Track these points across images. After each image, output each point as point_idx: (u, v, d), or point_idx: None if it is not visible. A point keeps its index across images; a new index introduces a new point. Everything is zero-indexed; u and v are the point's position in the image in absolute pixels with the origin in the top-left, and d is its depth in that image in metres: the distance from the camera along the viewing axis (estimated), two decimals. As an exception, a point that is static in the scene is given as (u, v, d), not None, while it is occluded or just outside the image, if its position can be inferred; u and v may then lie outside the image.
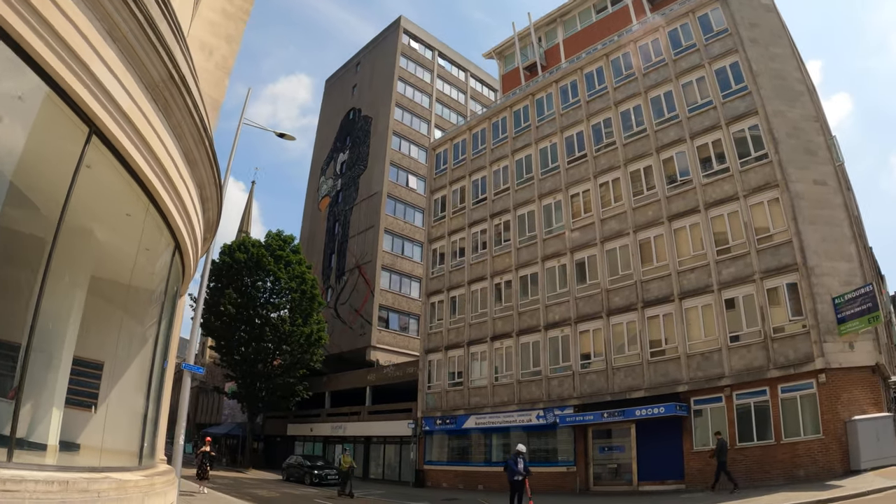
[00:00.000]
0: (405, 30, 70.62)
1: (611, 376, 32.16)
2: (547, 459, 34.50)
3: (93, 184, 8.63)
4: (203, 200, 13.40)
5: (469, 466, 38.55)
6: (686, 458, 28.18)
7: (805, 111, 29.79)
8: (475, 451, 38.93)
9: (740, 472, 25.51)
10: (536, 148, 40.79)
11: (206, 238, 16.59)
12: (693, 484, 27.31)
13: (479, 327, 40.46)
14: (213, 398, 77.34)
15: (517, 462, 23.22)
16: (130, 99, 8.38)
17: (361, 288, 58.61)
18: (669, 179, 32.59)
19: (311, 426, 55.49)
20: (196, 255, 14.98)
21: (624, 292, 32.96)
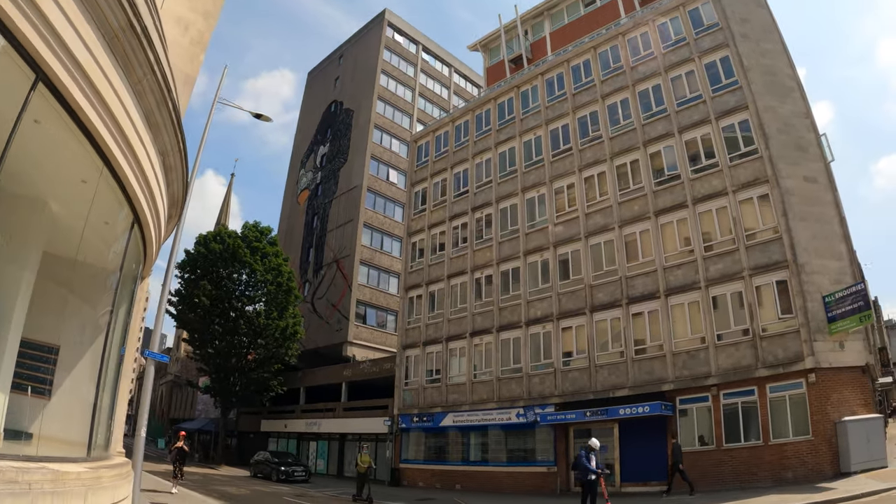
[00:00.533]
0: (389, 23, 69.79)
1: (594, 374, 31.35)
2: (526, 459, 33.65)
3: (43, 143, 7.93)
4: (167, 171, 12.43)
5: (446, 465, 37.60)
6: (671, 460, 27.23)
7: (796, 107, 29.30)
8: (453, 450, 37.99)
9: (727, 474, 25.10)
10: (520, 141, 40.01)
11: (171, 216, 15.75)
12: (678, 486, 26.38)
13: (459, 323, 39.60)
14: (187, 393, 76.21)
15: (590, 458, 20.32)
16: (84, 46, 7.45)
17: (339, 283, 57.57)
18: (657, 174, 31.98)
19: (286, 422, 54.35)
20: (159, 233, 14.11)
21: (608, 288, 32.17)
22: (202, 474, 40.58)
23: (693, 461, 25.70)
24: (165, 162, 12.12)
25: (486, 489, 34.03)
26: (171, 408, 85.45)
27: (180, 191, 14.90)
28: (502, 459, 34.66)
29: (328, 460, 49.13)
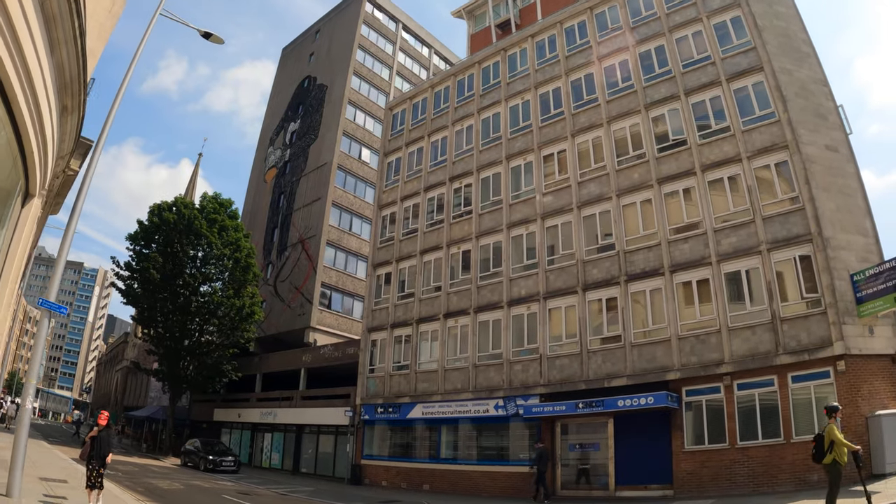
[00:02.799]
0: None
1: (586, 361, 27.71)
2: (505, 457, 29.88)
3: None
4: (53, 46, 8.69)
5: (413, 463, 33.66)
6: (675, 459, 23.95)
7: (813, 73, 26.62)
8: (421, 446, 34.13)
9: (742, 476, 22.00)
10: (506, 106, 36.68)
11: (68, 108, 12.21)
12: (683, 490, 23.24)
13: (432, 303, 35.80)
14: (141, 379, 72.94)
15: None
16: None
17: (304, 264, 53.76)
18: (660, 139, 28.85)
19: (240, 412, 50.32)
20: (42, 136, 11.08)
21: (604, 264, 28.69)
22: (140, 465, 36.54)
23: (702, 462, 23.06)
24: (52, 35, 8.79)
25: (458, 490, 30.42)
26: (125, 395, 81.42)
27: (75, 68, 11.05)
28: (477, 457, 30.83)
29: (283, 454, 44.81)
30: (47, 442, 41.69)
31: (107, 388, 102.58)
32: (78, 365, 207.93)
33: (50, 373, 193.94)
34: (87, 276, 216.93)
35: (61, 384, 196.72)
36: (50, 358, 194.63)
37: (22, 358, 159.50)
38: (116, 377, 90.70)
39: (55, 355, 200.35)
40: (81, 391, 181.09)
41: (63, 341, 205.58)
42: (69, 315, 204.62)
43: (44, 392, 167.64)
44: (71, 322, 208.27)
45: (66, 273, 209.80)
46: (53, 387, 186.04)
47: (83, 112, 13.23)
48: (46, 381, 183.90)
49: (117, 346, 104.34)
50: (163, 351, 49.11)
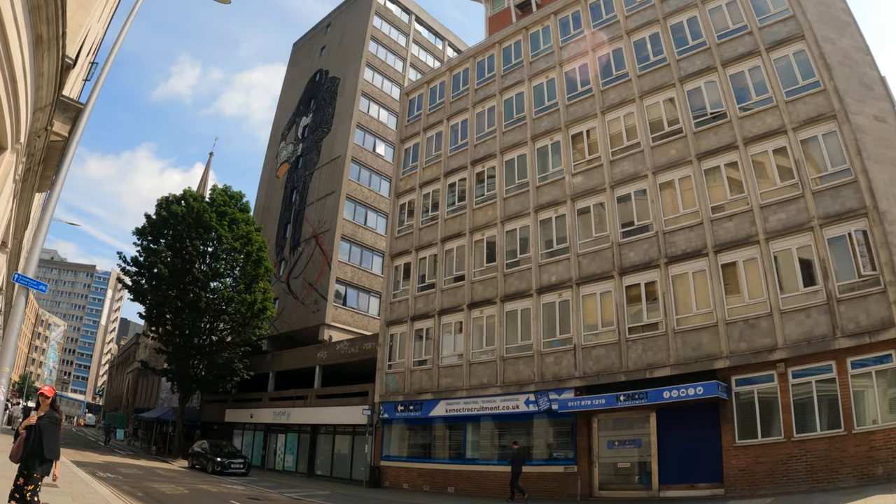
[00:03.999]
0: None
1: (624, 351, 25.60)
2: (538, 457, 27.60)
3: None
4: None
5: (437, 464, 31.57)
6: (725, 455, 21.83)
7: (855, 42, 24.99)
8: (445, 446, 32.06)
9: (799, 472, 20.07)
10: (530, 85, 34.82)
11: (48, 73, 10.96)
12: (735, 488, 21.14)
13: (454, 293, 33.73)
14: (152, 381, 72.17)
15: None
16: None
17: (318, 260, 51.78)
18: (697, 113, 26.96)
19: (252, 412, 48.26)
20: (14, 84, 9.51)
21: (641, 246, 26.64)
22: (146, 468, 34.62)
23: (755, 457, 21.03)
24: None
25: (484, 493, 28.37)
26: (136, 397, 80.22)
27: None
28: (507, 457, 28.40)
29: (297, 456, 42.78)
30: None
31: (119, 390, 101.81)
32: (91, 368, 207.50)
33: (63, 376, 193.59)
34: (99, 280, 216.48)
35: (74, 387, 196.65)
36: (63, 361, 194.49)
37: (34, 361, 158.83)
38: (128, 379, 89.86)
39: (68, 359, 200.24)
40: (95, 394, 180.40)
41: (76, 345, 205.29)
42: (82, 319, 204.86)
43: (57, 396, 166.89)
44: (84, 325, 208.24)
45: (78, 276, 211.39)
46: (67, 390, 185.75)
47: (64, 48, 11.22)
48: (60, 385, 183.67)
49: (129, 347, 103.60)
50: (172, 349, 47.46)
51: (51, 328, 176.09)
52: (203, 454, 39.07)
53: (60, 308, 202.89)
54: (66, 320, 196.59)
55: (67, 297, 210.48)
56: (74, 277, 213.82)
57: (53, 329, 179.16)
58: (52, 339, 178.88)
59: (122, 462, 36.36)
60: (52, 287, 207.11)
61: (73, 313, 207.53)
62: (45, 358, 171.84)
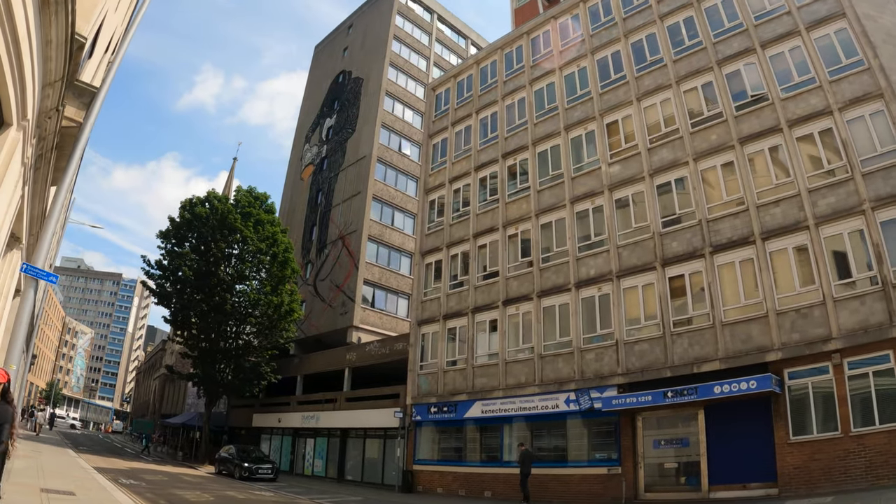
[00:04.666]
0: None
1: (669, 345, 24.41)
2: (579, 458, 26.42)
3: None
4: None
5: (472, 467, 30.46)
6: (779, 453, 20.60)
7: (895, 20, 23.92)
8: (480, 448, 30.91)
9: (858, 469, 18.97)
10: (560, 75, 33.96)
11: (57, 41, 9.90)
12: (790, 487, 19.93)
13: (488, 290, 32.63)
14: (178, 386, 71.97)
15: None
16: None
17: (345, 261, 50.91)
18: (737, 96, 25.98)
19: (280, 416, 47.39)
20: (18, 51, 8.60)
21: (684, 236, 25.56)
22: (171, 474, 33.71)
23: (810, 454, 19.79)
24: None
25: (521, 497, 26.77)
26: (163, 402, 80.00)
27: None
28: (547, 459, 27.34)
29: (327, 460, 41.77)
30: (75, 450, 39.14)
31: (145, 396, 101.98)
32: (118, 375, 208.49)
33: (90, 383, 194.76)
34: (125, 287, 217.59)
35: (102, 395, 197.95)
36: (90, 369, 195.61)
37: (62, 369, 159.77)
38: (154, 385, 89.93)
39: (95, 366, 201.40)
40: (122, 401, 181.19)
41: (103, 352, 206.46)
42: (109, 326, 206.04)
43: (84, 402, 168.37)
44: (111, 333, 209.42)
45: (104, 284, 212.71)
46: (94, 397, 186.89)
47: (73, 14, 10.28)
48: (87, 392, 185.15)
49: (155, 354, 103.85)
50: (198, 354, 46.63)
51: (78, 336, 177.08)
52: (230, 459, 38.22)
53: (87, 316, 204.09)
54: (92, 328, 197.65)
55: (94, 305, 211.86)
56: (101, 286, 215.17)
57: (80, 337, 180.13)
58: (80, 346, 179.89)
59: (147, 468, 35.56)
60: (78, 295, 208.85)
61: (100, 321, 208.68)
62: (73, 365, 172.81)
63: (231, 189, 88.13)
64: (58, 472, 21.77)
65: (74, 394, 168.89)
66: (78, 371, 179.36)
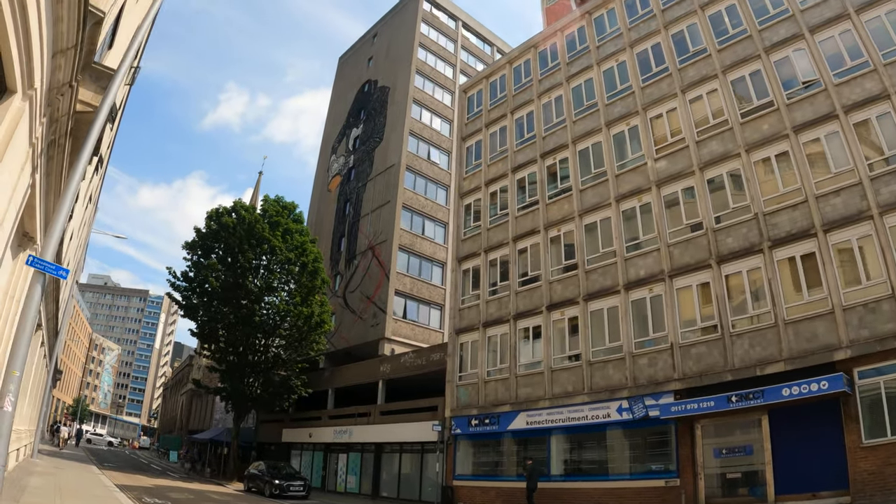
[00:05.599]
0: None
1: (729, 347, 22.95)
2: (634, 470, 24.81)
3: None
4: None
5: (516, 482, 28.52)
6: (851, 458, 19.11)
7: None
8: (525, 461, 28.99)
9: None
10: (598, 70, 32.95)
11: None
12: (864, 494, 18.48)
13: (530, 295, 31.23)
14: (206, 401, 71.60)
15: None
16: None
17: (375, 272, 49.71)
18: (787, 84, 24.86)
19: (311, 431, 46.07)
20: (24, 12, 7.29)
21: (739, 231, 24.22)
22: (197, 491, 32.42)
23: (885, 458, 18.18)
24: None
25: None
26: (190, 418, 79.25)
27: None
28: (599, 472, 25.79)
29: (361, 476, 40.35)
30: (98, 467, 37.89)
31: (173, 412, 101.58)
32: (146, 391, 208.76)
33: (118, 399, 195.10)
34: (152, 304, 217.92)
35: (129, 411, 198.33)
36: (117, 385, 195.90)
37: (89, 385, 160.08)
38: (182, 401, 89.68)
39: (123, 382, 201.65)
40: (149, 417, 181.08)
41: (130, 368, 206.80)
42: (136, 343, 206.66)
43: (112, 419, 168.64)
44: (137, 349, 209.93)
45: (131, 301, 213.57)
46: (122, 413, 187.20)
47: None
48: (114, 408, 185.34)
49: (182, 369, 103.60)
50: (225, 367, 45.48)
51: (105, 352, 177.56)
52: (260, 476, 36.94)
53: (114, 332, 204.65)
54: (119, 344, 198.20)
55: (121, 322, 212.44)
56: (128, 302, 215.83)
57: (107, 353, 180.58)
58: (107, 362, 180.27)
59: (173, 486, 34.30)
60: (105, 312, 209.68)
61: (127, 337, 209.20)
62: (100, 382, 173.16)
63: (257, 204, 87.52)
64: (76, 491, 20.61)
65: (101, 410, 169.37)
66: (105, 387, 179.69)
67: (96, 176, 31.17)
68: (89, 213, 37.32)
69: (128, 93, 32.39)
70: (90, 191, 31.16)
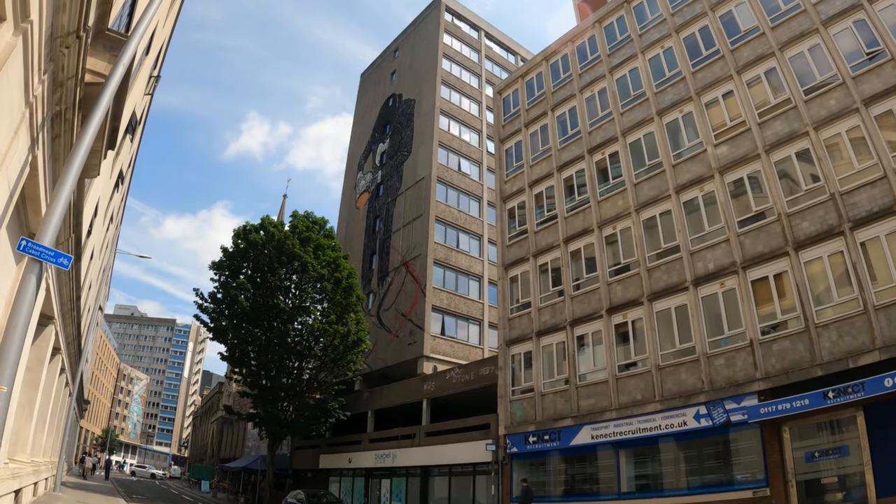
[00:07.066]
0: (447, 7, 62.69)
1: (815, 339, 20.78)
2: (718, 482, 22.37)
3: None
4: None
5: (583, 502, 26.57)
6: None
7: None
8: (592, 479, 26.88)
9: None
10: (644, 59, 31.34)
11: None
12: None
13: (587, 299, 29.18)
14: (237, 429, 70.95)
15: None
16: None
17: (409, 288, 47.92)
18: (850, 56, 23.11)
19: (350, 456, 44.00)
20: None
21: (815, 213, 22.23)
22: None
23: None
24: None
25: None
26: (221, 446, 77.80)
27: None
28: (677, 486, 23.47)
29: (406, 502, 38.19)
30: (126, 499, 35.88)
31: (203, 440, 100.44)
32: (175, 421, 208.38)
33: (147, 429, 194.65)
34: (180, 333, 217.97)
35: (159, 440, 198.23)
36: (147, 415, 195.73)
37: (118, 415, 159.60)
38: (212, 429, 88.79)
39: (152, 412, 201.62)
40: (180, 446, 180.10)
41: (159, 398, 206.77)
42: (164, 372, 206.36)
43: (142, 448, 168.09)
44: (166, 378, 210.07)
45: (158, 331, 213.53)
46: (152, 443, 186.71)
47: None
48: (144, 438, 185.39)
49: (212, 396, 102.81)
50: (258, 392, 43.66)
51: (133, 382, 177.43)
52: (298, 506, 34.84)
53: (142, 362, 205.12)
54: (148, 374, 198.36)
55: (149, 352, 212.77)
56: (155, 332, 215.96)
57: (136, 383, 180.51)
58: (135, 392, 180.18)
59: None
60: (132, 342, 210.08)
61: (156, 367, 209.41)
62: (129, 412, 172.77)
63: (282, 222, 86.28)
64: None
65: (131, 440, 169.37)
66: (134, 417, 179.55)
67: (117, 193, 29.65)
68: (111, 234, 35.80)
69: (149, 103, 31.02)
70: (111, 209, 29.62)
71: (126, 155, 26.09)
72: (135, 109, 21.32)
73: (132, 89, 17.79)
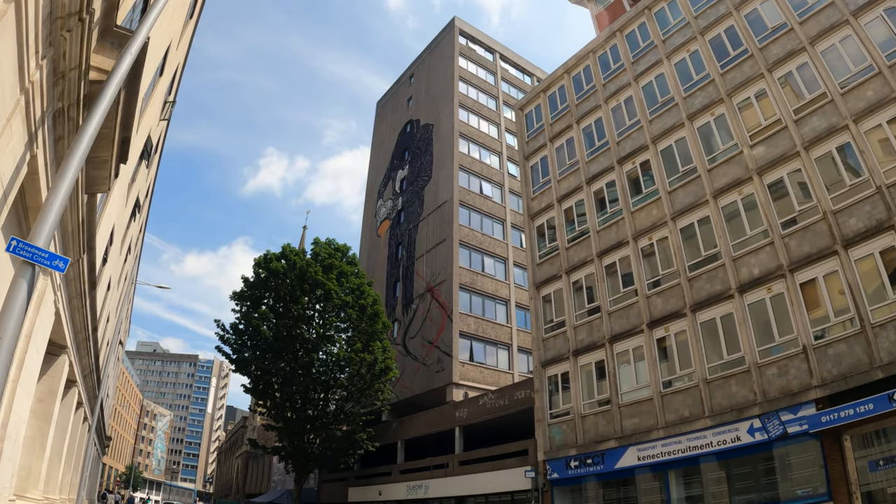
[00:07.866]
0: (461, 31, 62.93)
1: (872, 339, 19.44)
2: (776, 498, 20.92)
3: None
4: None
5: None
6: None
7: None
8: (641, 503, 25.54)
9: None
10: (669, 64, 30.74)
11: None
12: None
13: (626, 314, 27.98)
14: (263, 463, 70.44)
15: None
16: None
17: (435, 315, 46.92)
18: (885, 46, 22.25)
19: (380, 488, 42.70)
20: None
21: (862, 209, 21.10)
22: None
23: None
24: None
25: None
26: (246, 481, 76.89)
27: None
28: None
29: (442, 534, 36.67)
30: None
31: (228, 476, 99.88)
32: (200, 456, 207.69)
33: (172, 465, 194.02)
34: (202, 368, 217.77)
35: (184, 476, 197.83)
36: (171, 451, 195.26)
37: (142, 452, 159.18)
38: (237, 464, 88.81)
39: (176, 448, 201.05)
40: (205, 482, 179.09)
41: (183, 434, 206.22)
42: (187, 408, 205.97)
43: (166, 485, 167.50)
44: (190, 414, 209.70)
45: (181, 367, 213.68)
46: (176, 479, 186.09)
47: None
48: (169, 475, 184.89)
49: (236, 431, 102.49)
50: (283, 424, 42.54)
51: (157, 418, 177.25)
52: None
53: (165, 399, 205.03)
54: (171, 410, 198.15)
55: (172, 388, 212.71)
56: (178, 368, 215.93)
57: (159, 419, 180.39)
58: (159, 429, 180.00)
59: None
60: (155, 378, 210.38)
61: (179, 403, 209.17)
62: (153, 448, 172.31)
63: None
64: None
65: (156, 476, 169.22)
66: (158, 454, 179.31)
67: (134, 223, 28.95)
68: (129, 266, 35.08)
69: (165, 130, 30.42)
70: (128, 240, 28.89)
71: (142, 182, 25.41)
72: (150, 134, 20.62)
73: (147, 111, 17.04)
